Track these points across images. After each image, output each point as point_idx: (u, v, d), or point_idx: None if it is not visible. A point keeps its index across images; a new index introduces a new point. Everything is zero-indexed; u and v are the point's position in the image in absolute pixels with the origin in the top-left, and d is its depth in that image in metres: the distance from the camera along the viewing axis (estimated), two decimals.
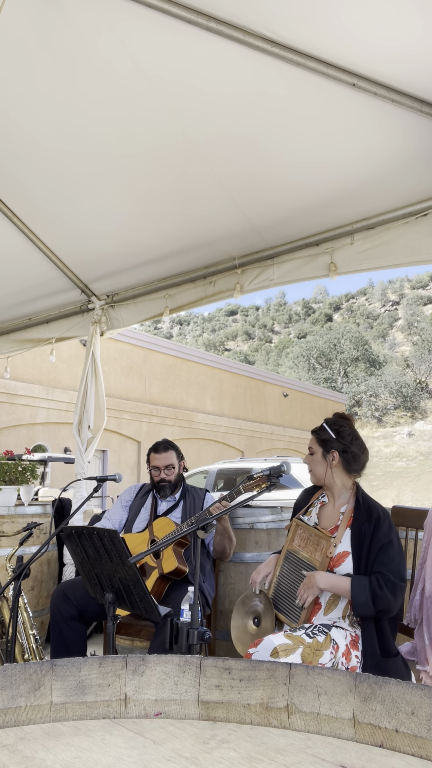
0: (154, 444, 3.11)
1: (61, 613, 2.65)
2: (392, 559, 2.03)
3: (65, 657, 1.43)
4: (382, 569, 2.01)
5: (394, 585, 1.98)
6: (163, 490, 3.03)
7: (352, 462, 2.24)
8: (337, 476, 2.24)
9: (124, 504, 3.15)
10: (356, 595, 1.97)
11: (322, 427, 2.29)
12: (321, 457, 2.26)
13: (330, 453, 2.24)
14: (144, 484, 3.21)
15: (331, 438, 2.25)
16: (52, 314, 4.49)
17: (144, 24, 2.22)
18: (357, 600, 1.97)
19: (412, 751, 0.89)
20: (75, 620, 2.66)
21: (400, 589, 1.99)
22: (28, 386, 14.54)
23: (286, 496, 8.24)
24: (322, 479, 2.27)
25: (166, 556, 2.78)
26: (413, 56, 2.09)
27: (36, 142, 2.94)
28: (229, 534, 2.93)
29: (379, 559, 2.03)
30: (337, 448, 2.23)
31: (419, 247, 2.82)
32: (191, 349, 20.54)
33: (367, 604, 1.96)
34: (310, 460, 2.30)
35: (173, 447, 3.10)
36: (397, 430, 41.18)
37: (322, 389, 27.80)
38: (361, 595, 1.96)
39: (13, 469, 3.78)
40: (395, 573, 2.01)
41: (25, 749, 0.90)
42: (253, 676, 1.03)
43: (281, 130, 2.58)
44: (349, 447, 2.24)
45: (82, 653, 2.64)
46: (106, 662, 1.05)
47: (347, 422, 2.30)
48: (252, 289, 3.46)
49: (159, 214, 3.30)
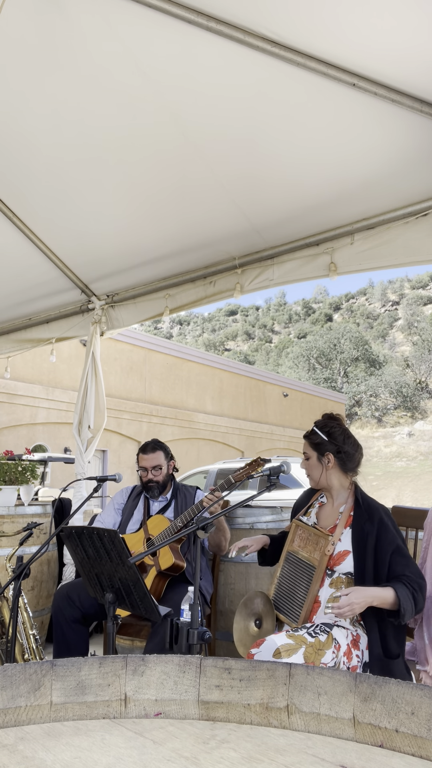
0: (143, 444, 3.11)
1: (65, 615, 2.65)
2: (406, 558, 2.05)
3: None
4: (405, 571, 2.01)
5: (421, 585, 1.99)
6: (151, 490, 3.03)
7: (347, 461, 2.24)
8: (335, 477, 2.25)
9: (116, 507, 3.15)
10: (405, 604, 1.93)
11: (313, 431, 2.30)
12: (316, 461, 2.26)
13: (325, 456, 2.24)
14: (135, 486, 3.21)
15: (324, 440, 2.25)
16: (52, 314, 4.49)
17: (144, 24, 2.22)
18: (406, 608, 1.93)
19: (412, 751, 0.89)
20: (78, 623, 2.66)
21: (425, 587, 2.01)
22: (28, 386, 14.54)
23: (286, 496, 8.24)
24: (321, 482, 2.28)
25: (163, 552, 2.78)
26: (413, 56, 2.09)
27: (36, 142, 2.94)
28: (223, 527, 2.94)
29: (397, 562, 2.03)
30: (331, 450, 2.24)
31: (419, 247, 2.82)
32: (191, 349, 20.54)
33: (412, 611, 1.95)
34: (307, 465, 2.31)
35: (162, 447, 3.08)
36: (397, 430, 41.18)
37: (322, 389, 27.80)
38: (408, 603, 1.94)
39: (13, 469, 3.78)
40: (416, 572, 2.02)
41: (25, 749, 0.90)
42: (253, 676, 1.03)
43: (281, 130, 2.58)
44: (343, 447, 2.24)
45: (84, 655, 2.64)
46: (106, 662, 1.05)
47: (336, 422, 2.30)
48: (252, 289, 3.46)
49: (159, 214, 3.30)
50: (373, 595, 1.94)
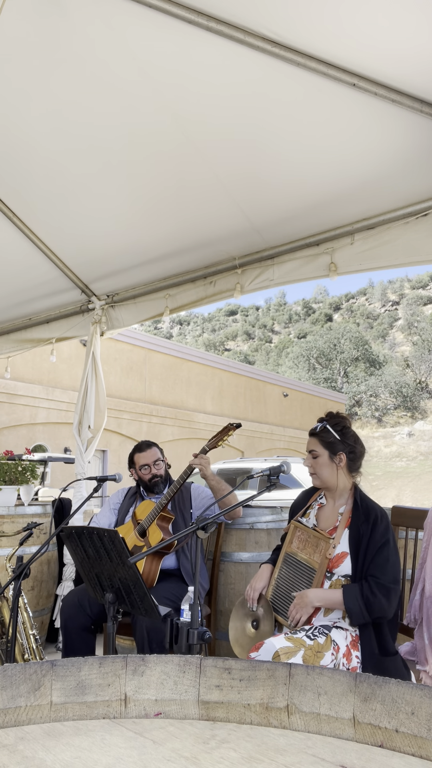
0: (136, 445, 3.15)
1: (75, 624, 2.65)
2: (387, 559, 2.01)
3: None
4: (376, 572, 2.00)
5: (387, 589, 1.96)
6: (156, 486, 3.05)
7: (355, 461, 2.23)
8: (342, 477, 2.22)
9: (112, 507, 3.16)
10: (350, 605, 1.96)
11: (326, 428, 2.23)
12: (328, 459, 2.21)
13: (337, 455, 2.20)
14: (131, 487, 3.22)
15: (336, 439, 2.21)
16: (52, 314, 4.49)
17: (144, 24, 2.22)
18: (352, 611, 1.95)
19: (412, 751, 0.89)
20: (87, 630, 2.68)
21: (394, 592, 1.97)
22: (28, 386, 14.54)
23: (286, 496, 8.23)
24: (329, 482, 2.23)
25: (151, 531, 2.80)
26: (413, 56, 2.09)
27: (36, 142, 2.94)
28: (218, 485, 2.96)
29: (375, 561, 2.01)
30: (344, 449, 2.20)
31: (419, 247, 2.82)
32: (191, 349, 20.54)
33: (362, 613, 1.95)
34: (315, 463, 2.23)
35: (154, 444, 3.16)
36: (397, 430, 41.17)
37: (322, 389, 27.79)
38: (354, 605, 1.95)
39: (13, 469, 3.78)
40: (389, 575, 1.99)
41: (25, 749, 0.90)
42: (253, 676, 1.03)
43: (281, 130, 2.58)
44: (354, 447, 2.23)
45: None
46: (106, 662, 1.05)
47: (348, 421, 2.28)
48: (252, 289, 3.46)
49: (159, 213, 3.30)
50: (320, 597, 2.03)
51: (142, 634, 2.46)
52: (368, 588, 1.96)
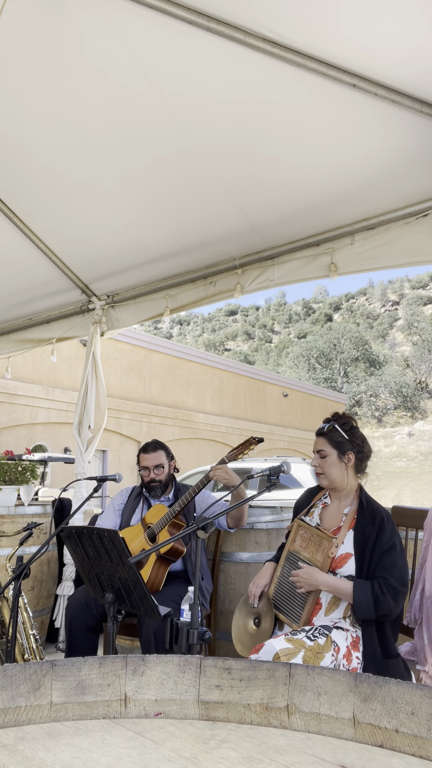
0: (144, 445, 3.11)
1: (80, 623, 2.65)
2: (394, 563, 2.02)
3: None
4: (385, 574, 2.00)
5: (396, 590, 1.97)
6: (153, 490, 3.03)
7: (362, 461, 2.24)
8: (350, 477, 2.23)
9: (116, 508, 3.14)
10: (359, 599, 1.96)
11: (334, 428, 2.23)
12: (337, 459, 2.20)
13: (346, 455, 2.20)
14: (135, 487, 3.19)
15: (345, 439, 2.21)
16: (52, 314, 4.49)
17: (144, 24, 2.22)
18: (359, 604, 1.96)
19: (412, 751, 0.89)
20: (91, 630, 2.67)
21: (402, 595, 1.98)
22: (28, 386, 14.54)
23: (286, 496, 8.23)
24: (338, 481, 2.22)
25: (161, 537, 2.79)
26: (414, 57, 2.09)
27: (37, 142, 2.94)
28: (232, 481, 2.82)
29: (382, 564, 2.02)
30: (352, 449, 2.21)
31: (419, 247, 2.82)
32: (191, 349, 20.54)
33: (368, 609, 1.95)
34: (323, 463, 2.22)
35: (162, 447, 3.08)
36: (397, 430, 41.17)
37: (322, 389, 27.79)
38: (363, 599, 1.96)
39: (13, 469, 3.78)
40: (397, 578, 2.00)
41: (25, 749, 0.90)
42: (253, 676, 1.03)
43: (282, 130, 2.58)
44: (363, 447, 2.23)
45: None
46: (106, 662, 1.06)
47: (354, 421, 2.28)
48: (252, 289, 3.46)
49: (159, 214, 3.30)
50: (328, 583, 2.03)
51: (148, 636, 2.45)
52: (379, 586, 1.98)
